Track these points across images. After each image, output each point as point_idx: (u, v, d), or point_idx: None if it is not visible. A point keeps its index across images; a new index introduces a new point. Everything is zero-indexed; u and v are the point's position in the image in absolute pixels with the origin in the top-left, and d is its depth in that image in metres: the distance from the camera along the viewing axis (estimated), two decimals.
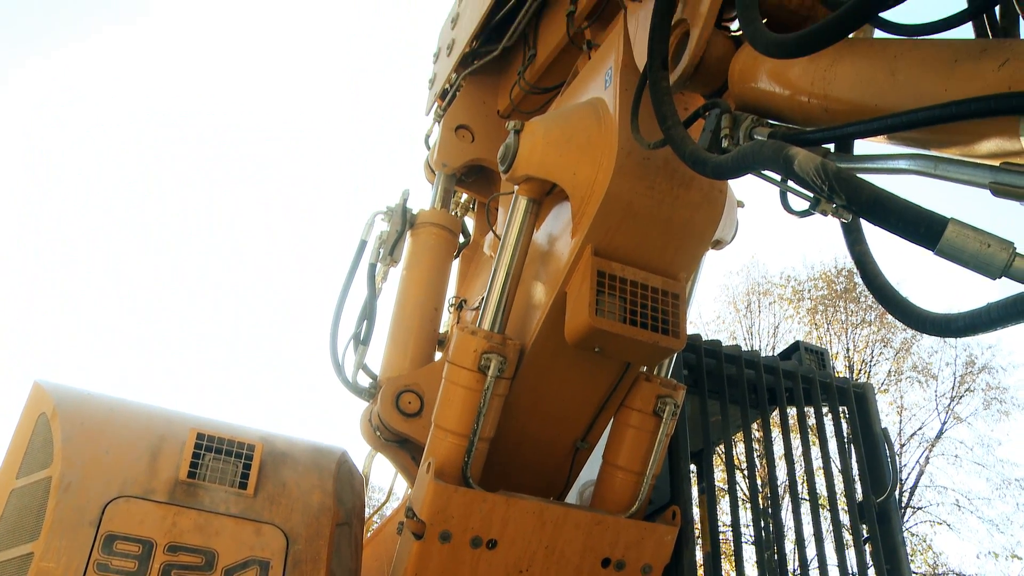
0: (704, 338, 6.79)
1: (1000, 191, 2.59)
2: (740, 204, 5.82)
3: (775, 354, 7.61)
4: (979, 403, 31.54)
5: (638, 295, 4.69)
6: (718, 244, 5.69)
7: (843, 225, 3.78)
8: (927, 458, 30.76)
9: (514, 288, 5.01)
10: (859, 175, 3.16)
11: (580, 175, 4.69)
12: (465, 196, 8.00)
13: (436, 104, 7.78)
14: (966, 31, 3.54)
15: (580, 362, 5.01)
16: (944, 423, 31.42)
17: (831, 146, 3.39)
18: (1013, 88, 2.60)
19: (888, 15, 3.10)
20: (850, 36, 3.52)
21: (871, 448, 6.87)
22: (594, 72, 5.30)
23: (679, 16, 4.26)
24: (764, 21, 4.32)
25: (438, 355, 6.61)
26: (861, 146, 3.49)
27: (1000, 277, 2.32)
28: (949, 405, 31.75)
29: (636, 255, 4.77)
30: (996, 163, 2.68)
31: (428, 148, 7.72)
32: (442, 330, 6.92)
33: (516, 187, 5.03)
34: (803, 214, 3.90)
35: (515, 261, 4.98)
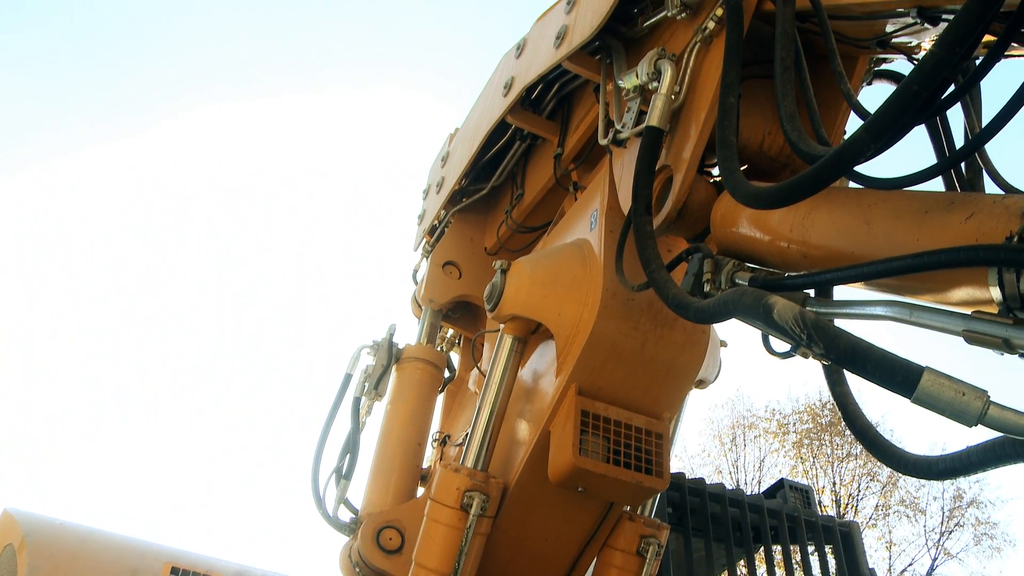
0: (689, 473, 6.79)
1: (972, 339, 2.65)
2: (723, 344, 5.89)
3: (760, 490, 7.58)
4: (969, 538, 31.18)
5: (622, 435, 4.70)
6: (701, 384, 5.72)
7: (824, 366, 3.84)
8: None
9: (498, 426, 5.01)
10: (837, 320, 3.25)
11: (565, 315, 4.75)
12: (451, 331, 8.06)
13: (425, 240, 7.92)
14: (935, 183, 3.68)
15: (563, 501, 4.97)
16: (935, 559, 30.97)
17: (811, 291, 3.48)
18: (980, 240, 2.69)
19: (862, 168, 3.22)
20: None
21: None
22: (580, 214, 5.43)
23: (663, 161, 4.40)
24: (745, 167, 4.50)
25: (421, 491, 6.54)
26: (840, 291, 3.57)
27: (975, 425, 2.35)
28: (939, 540, 31.35)
29: (620, 395, 4.79)
30: (968, 311, 2.75)
31: (416, 283, 7.83)
32: (425, 465, 6.87)
33: (502, 325, 5.08)
34: (784, 356, 3.98)
35: (499, 399, 4.99)
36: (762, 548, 7.16)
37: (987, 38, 3.25)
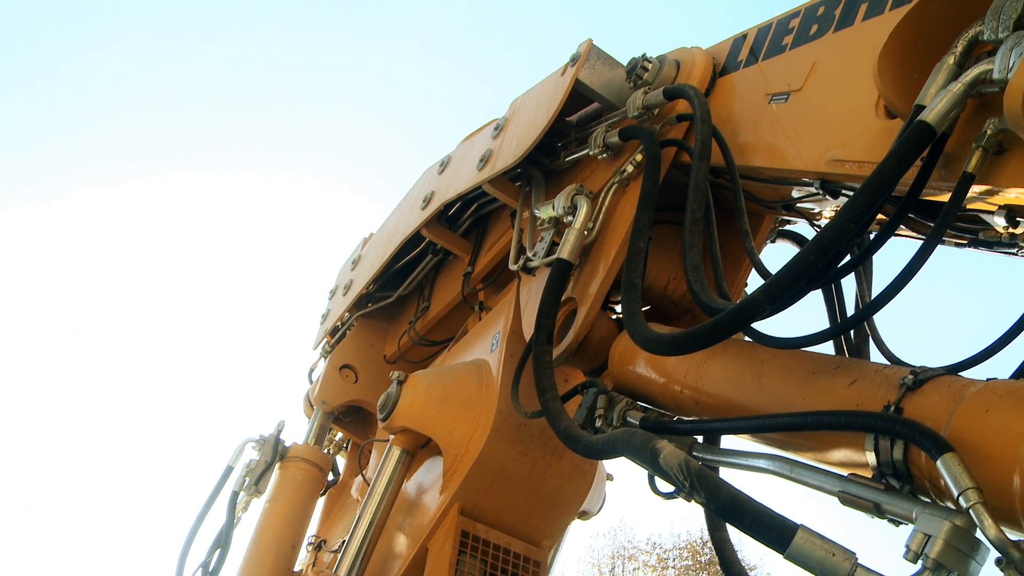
0: None
1: (846, 501, 2.73)
2: (610, 478, 5.92)
3: None
4: None
5: (500, 559, 4.65)
6: (584, 515, 5.72)
7: (705, 510, 3.89)
8: None
9: (376, 536, 4.91)
10: (722, 469, 3.32)
11: (456, 433, 4.74)
12: (340, 435, 7.93)
13: (325, 340, 7.84)
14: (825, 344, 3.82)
15: None
16: None
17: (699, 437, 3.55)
18: (861, 406, 2.80)
19: (759, 326, 3.33)
20: None
21: None
22: (482, 334, 5.47)
23: (569, 294, 4.49)
24: (648, 308, 4.61)
25: None
26: (728, 439, 3.64)
27: None
28: None
29: (502, 518, 4.76)
30: (844, 473, 2.84)
31: (311, 382, 7.71)
32: (297, 568, 6.65)
33: (392, 436, 5.03)
34: (668, 497, 4.02)
35: (381, 510, 4.90)
36: None
37: (880, 217, 3.44)
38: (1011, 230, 2.89)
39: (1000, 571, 2.20)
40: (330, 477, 7.09)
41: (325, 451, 7.22)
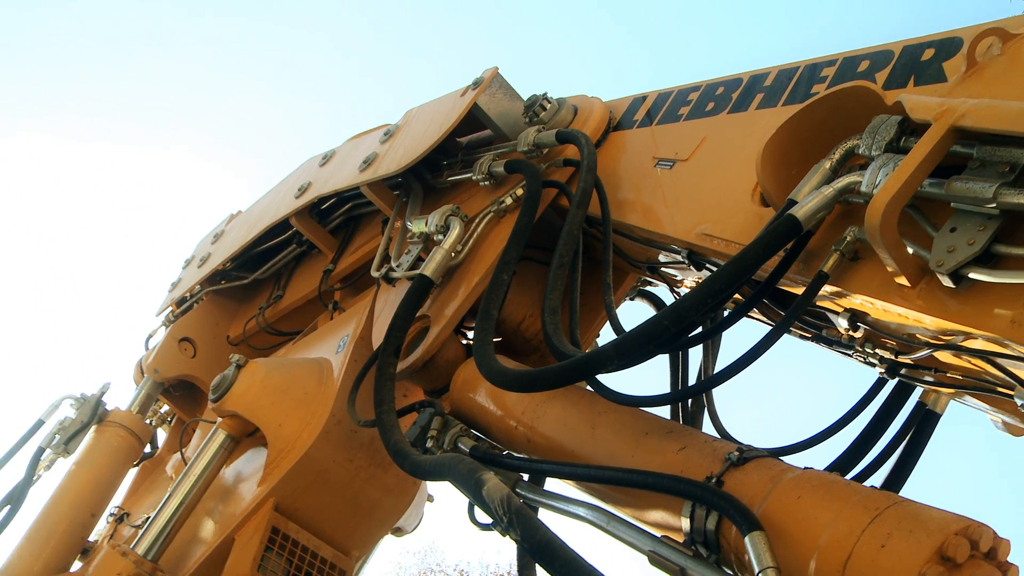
0: None
1: (654, 561, 2.81)
2: (430, 499, 5.92)
3: None
4: None
5: (305, 561, 4.57)
6: (398, 532, 5.70)
7: (519, 548, 3.92)
8: None
9: (184, 518, 4.75)
10: (542, 510, 3.36)
11: (286, 428, 4.65)
12: (166, 408, 7.66)
13: (170, 309, 7.59)
14: (664, 410, 3.93)
15: None
16: None
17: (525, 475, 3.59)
18: (685, 472, 2.89)
19: (603, 379, 3.41)
20: None
21: None
22: (331, 334, 5.41)
23: (424, 311, 4.49)
24: (499, 339, 4.65)
25: (77, 565, 6.04)
26: (553, 482, 3.69)
27: None
28: None
29: (316, 521, 4.69)
30: (658, 534, 2.93)
31: (146, 348, 7.44)
32: (92, 538, 6.37)
33: (220, 419, 4.90)
34: (485, 528, 4.05)
35: (194, 492, 4.75)
36: None
37: (737, 297, 3.57)
38: (851, 333, 3.04)
39: None
40: (147, 449, 6.85)
41: (147, 422, 6.96)
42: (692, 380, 4.35)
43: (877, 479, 3.69)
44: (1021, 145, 2.40)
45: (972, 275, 2.45)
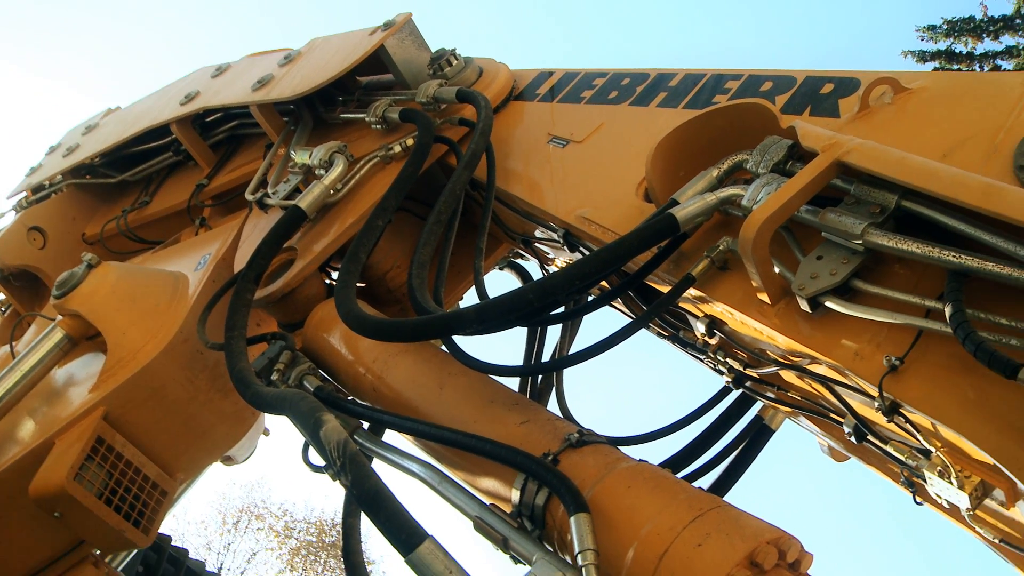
0: (178, 539, 6.49)
1: (479, 527, 2.84)
2: (266, 433, 5.83)
3: None
4: None
5: (127, 477, 4.42)
6: (229, 460, 5.59)
7: (347, 495, 3.89)
8: None
9: (2, 413, 4.53)
10: (377, 460, 3.34)
11: (129, 336, 4.48)
12: (2, 296, 7.28)
13: (25, 194, 7.22)
14: (513, 382, 3.97)
15: (32, 518, 4.51)
16: None
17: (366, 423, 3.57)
18: (524, 446, 2.91)
19: (459, 342, 3.41)
20: None
21: None
22: (193, 250, 5.24)
23: (292, 243, 4.39)
24: (362, 286, 4.60)
25: None
26: (392, 435, 3.68)
27: None
28: None
29: (144, 438, 4.53)
30: (487, 501, 2.95)
31: None
32: None
33: (60, 317, 4.69)
34: (316, 470, 3.99)
35: (18, 388, 4.51)
36: None
37: (604, 284, 3.62)
38: (707, 338, 3.13)
39: None
40: None
41: None
42: (546, 359, 4.40)
43: (706, 481, 3.82)
44: (894, 191, 2.51)
45: (828, 304, 2.55)
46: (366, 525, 3.81)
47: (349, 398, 3.76)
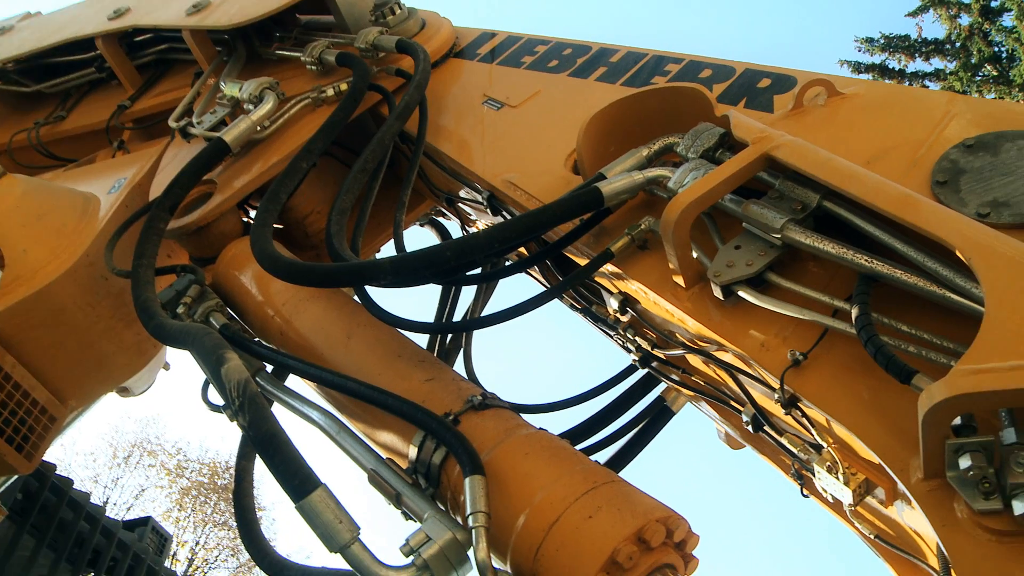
0: (64, 468, 6.37)
1: (373, 480, 2.83)
2: (166, 367, 5.70)
3: (126, 518, 7.28)
4: None
5: (14, 399, 4.29)
6: (124, 392, 5.46)
7: (243, 437, 3.83)
8: None
9: None
10: (278, 405, 3.30)
11: (31, 255, 4.32)
12: None
13: None
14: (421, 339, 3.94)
15: None
16: None
17: (270, 366, 3.52)
18: (426, 403, 2.90)
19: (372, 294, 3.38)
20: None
21: None
22: (108, 172, 5.07)
23: (212, 176, 4.29)
24: (280, 228, 4.52)
25: None
26: (295, 381, 3.63)
27: (336, 553, 2.46)
28: None
29: (38, 361, 4.39)
30: (384, 455, 2.94)
31: None
32: None
33: None
34: (214, 409, 3.92)
35: None
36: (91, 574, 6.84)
37: (522, 251, 3.62)
38: (619, 315, 3.15)
39: None
40: None
41: None
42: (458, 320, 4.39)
43: (603, 456, 3.87)
44: (817, 190, 2.55)
45: (741, 293, 2.59)
46: (260, 470, 3.77)
47: (255, 340, 3.69)
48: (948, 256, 2.18)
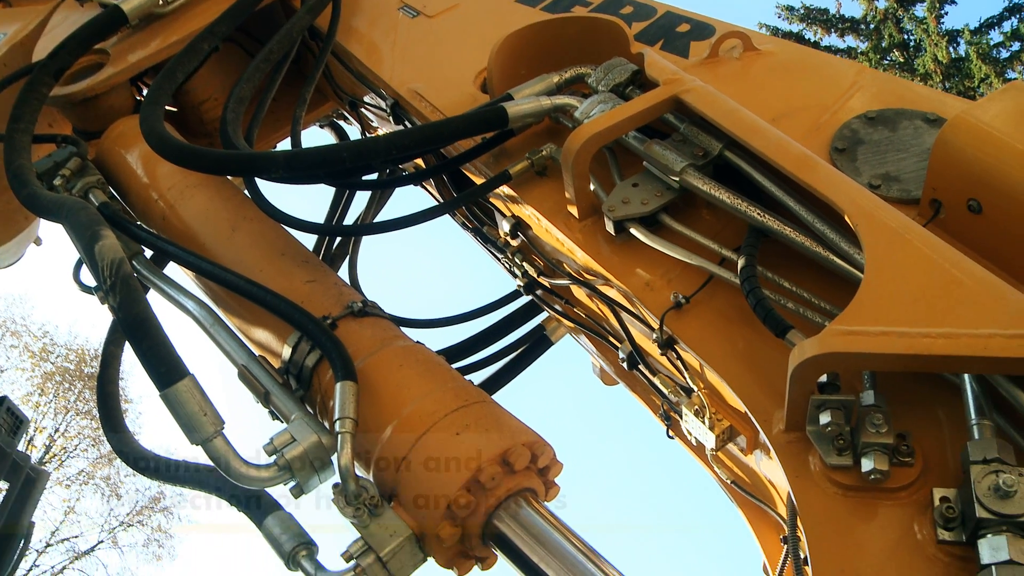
0: None
1: (243, 376, 2.77)
2: (37, 241, 5.46)
3: None
4: (142, 538, 31.61)
5: None
6: None
7: (113, 322, 3.70)
8: (63, 567, 29.76)
9: None
10: (154, 292, 3.18)
11: None
12: None
13: None
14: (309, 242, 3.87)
15: None
16: (100, 541, 30.90)
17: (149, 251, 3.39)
18: (306, 305, 2.83)
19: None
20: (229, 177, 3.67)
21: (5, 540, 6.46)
22: None
23: (106, 46, 4.07)
24: (175, 111, 4.34)
25: None
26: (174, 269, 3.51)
27: (196, 445, 2.41)
28: (115, 527, 31.38)
29: None
30: (257, 352, 2.88)
31: None
32: None
33: None
34: (85, 290, 3.76)
35: None
36: None
37: (419, 163, 3.57)
38: (509, 239, 3.14)
39: (333, 494, 2.37)
40: None
41: None
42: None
43: (478, 379, 3.88)
44: (721, 139, 2.58)
45: (633, 230, 2.61)
46: (131, 359, 3.65)
47: (136, 223, 3.55)
48: (837, 221, 2.24)
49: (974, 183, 2.22)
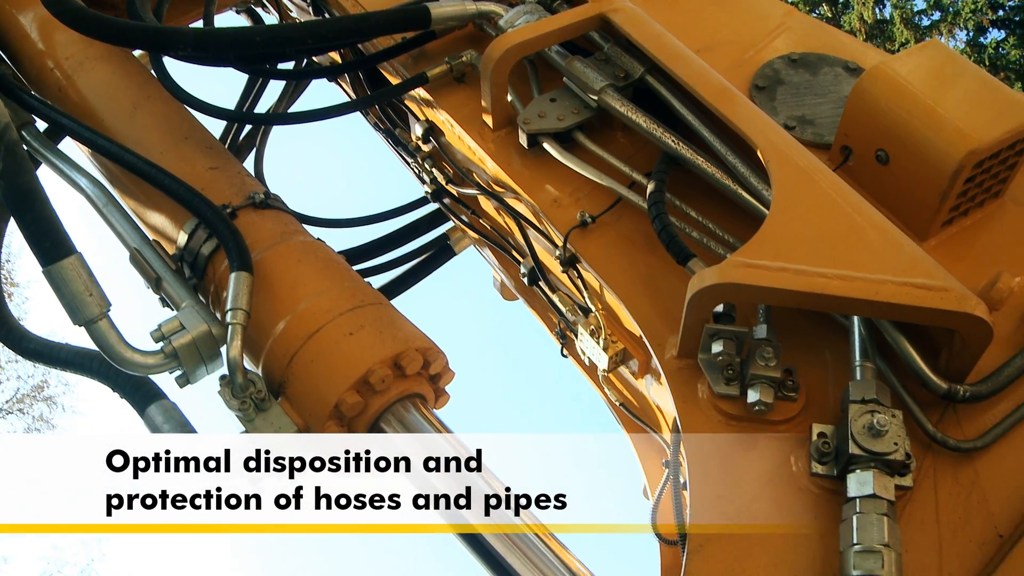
0: None
1: (135, 261, 2.67)
2: None
3: None
4: (23, 427, 30.82)
5: None
6: None
7: None
8: None
9: None
10: (45, 166, 3.03)
11: None
12: None
13: None
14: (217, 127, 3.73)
15: None
16: None
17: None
18: (206, 192, 2.70)
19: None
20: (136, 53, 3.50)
21: None
22: None
23: None
24: None
25: None
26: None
27: (80, 326, 2.33)
28: None
29: None
30: (151, 236, 2.77)
31: None
32: None
33: None
34: None
35: None
36: None
37: (335, 56, 3.46)
38: (421, 143, 3.09)
39: (219, 386, 2.32)
40: None
41: None
42: None
43: (377, 283, 3.84)
44: (644, 63, 2.56)
45: (546, 145, 2.59)
46: (14, 237, 3.49)
47: (29, 92, 3.36)
48: (750, 156, 2.25)
49: (884, 134, 2.25)
